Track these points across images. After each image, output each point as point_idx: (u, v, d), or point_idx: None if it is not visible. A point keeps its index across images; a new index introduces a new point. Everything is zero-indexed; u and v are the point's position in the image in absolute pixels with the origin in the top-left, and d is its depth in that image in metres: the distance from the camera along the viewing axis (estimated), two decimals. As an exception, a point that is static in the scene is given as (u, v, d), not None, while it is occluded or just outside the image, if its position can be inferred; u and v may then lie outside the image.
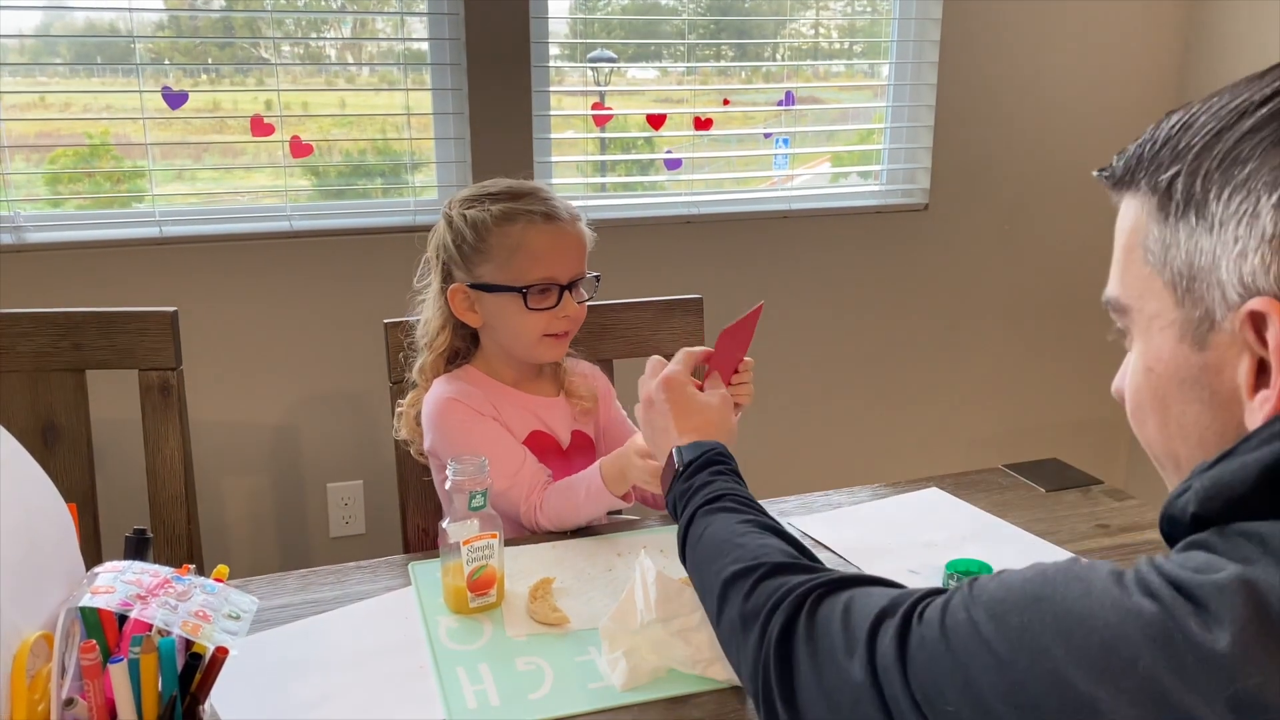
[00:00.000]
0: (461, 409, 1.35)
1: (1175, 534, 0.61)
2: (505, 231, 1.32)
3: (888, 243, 2.57)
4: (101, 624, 0.77)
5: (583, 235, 1.38)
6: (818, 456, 2.64)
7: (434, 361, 1.40)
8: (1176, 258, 0.61)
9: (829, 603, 0.73)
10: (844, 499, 1.39)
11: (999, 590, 0.62)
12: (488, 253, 1.33)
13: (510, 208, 1.33)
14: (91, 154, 2.08)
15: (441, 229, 1.38)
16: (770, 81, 2.50)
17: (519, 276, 1.32)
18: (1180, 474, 0.65)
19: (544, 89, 2.24)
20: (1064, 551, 1.23)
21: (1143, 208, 0.64)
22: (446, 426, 1.34)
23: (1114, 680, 0.54)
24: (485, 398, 1.37)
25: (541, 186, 1.39)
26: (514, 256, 1.32)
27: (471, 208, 1.34)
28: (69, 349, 1.43)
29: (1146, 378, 0.66)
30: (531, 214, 1.33)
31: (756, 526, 0.87)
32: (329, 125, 2.19)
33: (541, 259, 1.33)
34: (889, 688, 0.64)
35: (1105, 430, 2.91)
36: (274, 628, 1.07)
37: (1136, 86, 2.66)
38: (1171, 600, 0.54)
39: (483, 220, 1.33)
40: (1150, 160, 0.64)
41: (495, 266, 1.33)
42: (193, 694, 0.74)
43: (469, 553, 1.07)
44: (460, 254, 1.35)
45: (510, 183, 1.38)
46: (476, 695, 0.95)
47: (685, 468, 1.00)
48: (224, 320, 2.12)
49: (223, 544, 2.21)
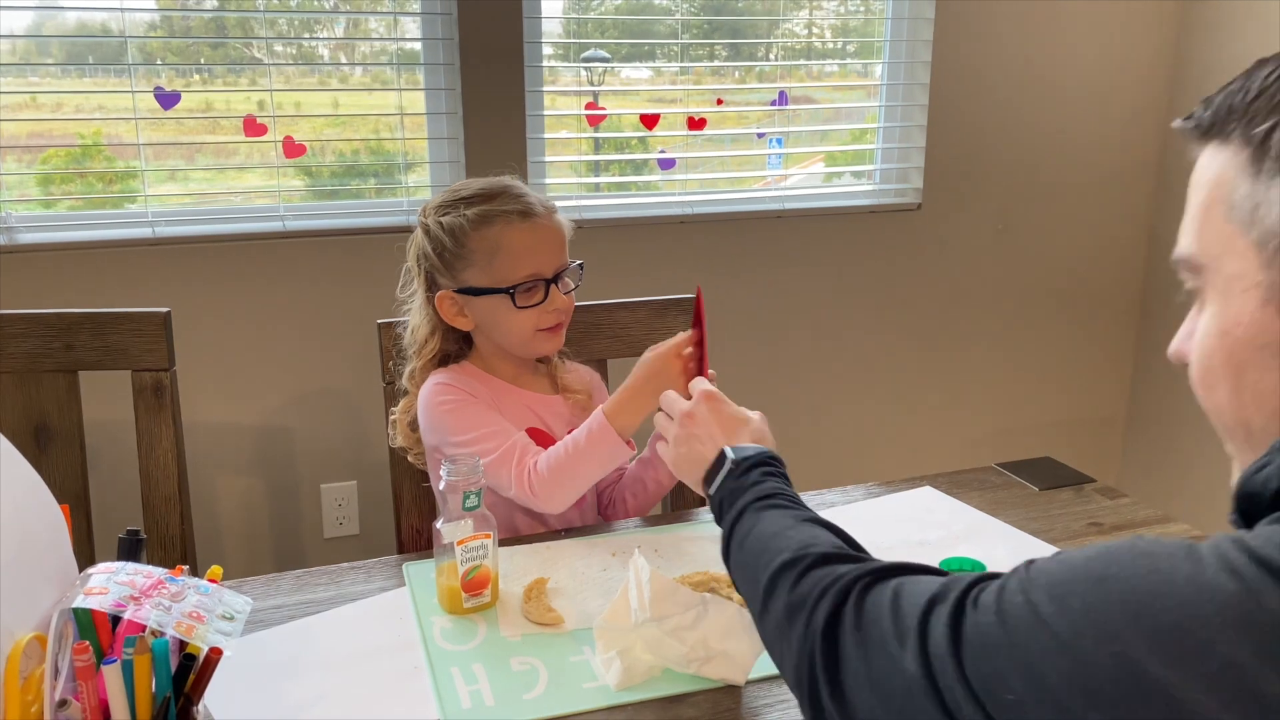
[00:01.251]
0: (450, 389, 1.34)
1: (1254, 511, 0.57)
2: (483, 235, 1.32)
3: (881, 242, 2.57)
4: (95, 625, 0.77)
5: (561, 227, 1.37)
6: (810, 455, 2.64)
7: (424, 368, 1.39)
8: (1268, 215, 0.58)
9: (877, 590, 0.69)
10: (837, 498, 1.39)
11: (1059, 570, 0.58)
12: (469, 257, 1.33)
13: (486, 210, 1.32)
14: (84, 154, 2.07)
15: (420, 238, 1.37)
16: (764, 81, 2.50)
17: (504, 277, 1.32)
18: (1251, 444, 0.61)
19: (537, 88, 2.24)
20: (1057, 550, 1.23)
21: (1231, 161, 0.61)
22: (438, 410, 1.33)
23: (1189, 663, 0.50)
24: (485, 390, 1.37)
25: (513, 183, 1.38)
26: (496, 258, 1.32)
27: (447, 214, 1.33)
28: (61, 350, 1.42)
29: (1221, 341, 0.63)
30: (508, 214, 1.32)
31: (807, 521, 0.84)
32: (322, 125, 2.19)
33: (524, 257, 1.32)
34: (943, 677, 0.60)
35: (1098, 429, 2.92)
36: (269, 628, 1.07)
37: (1130, 85, 2.67)
38: (1255, 578, 0.50)
39: (460, 225, 1.32)
40: (1243, 111, 0.60)
41: (479, 270, 1.33)
42: (186, 695, 0.74)
43: (463, 553, 1.07)
44: (442, 261, 1.34)
45: (482, 183, 1.37)
46: (471, 695, 0.95)
47: (738, 465, 0.95)
48: (218, 321, 2.12)
49: (217, 545, 2.21)
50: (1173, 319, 3.00)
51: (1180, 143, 0.66)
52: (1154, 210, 2.76)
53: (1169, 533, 1.28)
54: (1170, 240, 0.66)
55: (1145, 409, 2.87)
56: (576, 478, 1.28)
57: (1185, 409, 2.73)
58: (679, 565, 1.19)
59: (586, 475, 1.29)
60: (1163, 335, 2.78)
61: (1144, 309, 2.83)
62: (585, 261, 1.40)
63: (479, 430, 1.31)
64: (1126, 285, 2.81)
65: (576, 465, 1.27)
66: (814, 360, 2.59)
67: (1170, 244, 0.66)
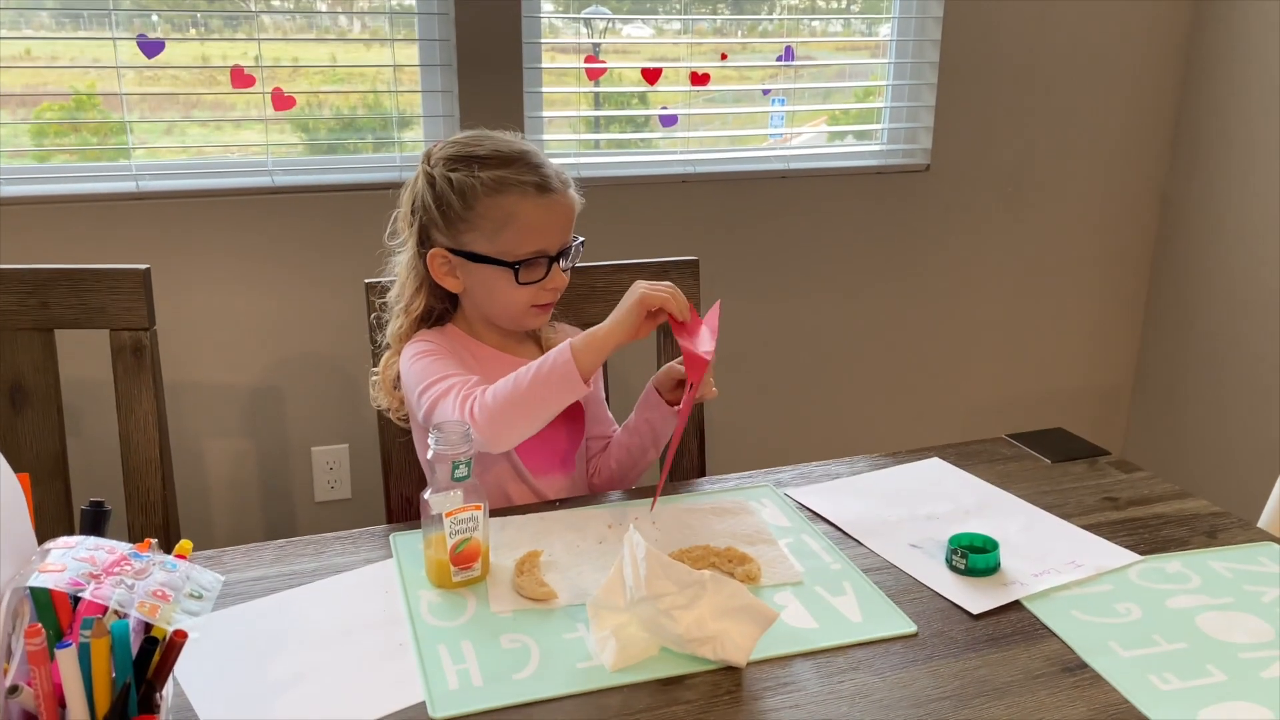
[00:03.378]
0: (424, 345, 1.28)
1: None
2: (495, 202, 1.24)
3: (888, 204, 2.50)
4: (54, 604, 0.72)
5: (574, 203, 1.30)
6: (813, 421, 2.59)
7: (409, 325, 1.33)
8: None
9: None
10: (843, 469, 1.35)
11: None
12: (474, 221, 1.25)
13: (501, 176, 1.24)
14: (77, 106, 2.00)
15: (421, 187, 1.29)
16: (769, 40, 2.41)
17: (508, 250, 1.25)
18: None
19: (535, 39, 2.16)
20: (1071, 526, 1.19)
21: None
22: (410, 363, 1.27)
23: None
24: (468, 355, 1.31)
25: (530, 148, 1.29)
26: (504, 229, 1.25)
27: (456, 170, 1.25)
28: (37, 307, 1.36)
29: None
30: (524, 185, 1.24)
31: None
32: (316, 81, 2.11)
33: (534, 233, 1.25)
34: None
35: (1106, 397, 2.87)
36: (248, 601, 1.02)
37: (1146, 46, 2.59)
38: None
39: (470, 186, 1.24)
40: None
41: (482, 236, 1.25)
42: (149, 681, 0.69)
43: (452, 525, 1.02)
44: (444, 218, 1.26)
45: (497, 143, 1.28)
46: (459, 675, 0.91)
47: None
48: (204, 279, 2.06)
49: (204, 510, 2.16)
50: (1185, 286, 2.98)
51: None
52: (1166, 175, 2.68)
53: (1187, 509, 1.23)
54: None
55: (1153, 378, 2.82)
56: (525, 408, 1.15)
57: (1193, 378, 2.68)
58: (678, 538, 1.14)
59: (535, 408, 1.16)
60: (1173, 302, 2.73)
61: (1154, 275, 2.77)
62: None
63: (440, 374, 1.23)
64: (1137, 251, 2.75)
65: (528, 395, 1.15)
66: (817, 325, 2.53)
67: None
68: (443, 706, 0.87)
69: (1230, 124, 2.54)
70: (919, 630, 0.98)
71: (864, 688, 0.90)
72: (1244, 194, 2.52)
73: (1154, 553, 1.13)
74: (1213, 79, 2.57)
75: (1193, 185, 2.63)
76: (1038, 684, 0.91)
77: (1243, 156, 2.52)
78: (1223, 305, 2.60)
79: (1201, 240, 2.63)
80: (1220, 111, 2.56)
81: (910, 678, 0.91)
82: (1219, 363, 2.61)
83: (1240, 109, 2.52)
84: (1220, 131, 2.57)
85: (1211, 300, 2.63)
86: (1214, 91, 2.57)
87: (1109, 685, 0.90)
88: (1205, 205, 2.61)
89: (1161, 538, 1.17)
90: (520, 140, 1.31)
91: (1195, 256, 2.65)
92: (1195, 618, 1.01)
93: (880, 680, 0.91)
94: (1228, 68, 2.54)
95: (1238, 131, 2.53)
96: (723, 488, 1.29)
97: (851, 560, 1.11)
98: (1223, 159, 2.57)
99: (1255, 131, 2.48)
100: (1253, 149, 2.49)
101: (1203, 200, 2.61)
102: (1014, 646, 0.96)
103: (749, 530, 1.17)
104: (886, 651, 0.95)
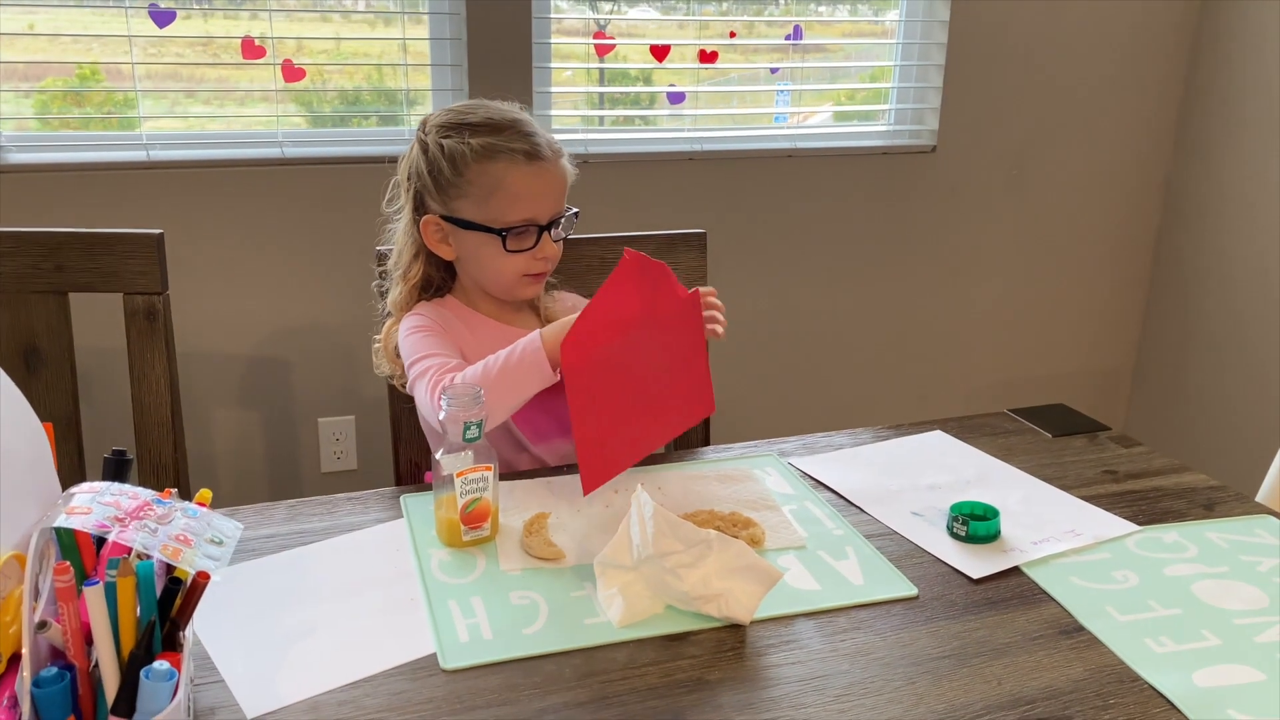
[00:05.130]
0: (421, 318, 1.30)
1: None
2: (485, 169, 1.25)
3: (894, 184, 2.51)
4: (78, 547, 0.74)
5: (565, 173, 1.31)
6: (818, 403, 2.61)
7: (408, 293, 1.34)
8: None
9: None
10: (845, 440, 1.36)
11: None
12: (464, 188, 1.26)
13: (491, 143, 1.25)
14: (81, 81, 2.00)
15: (416, 154, 1.30)
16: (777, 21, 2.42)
17: (498, 217, 1.26)
18: None
19: (544, 15, 2.16)
20: (1071, 497, 1.20)
21: None
22: (404, 337, 1.29)
23: None
24: (464, 327, 1.33)
25: (523, 117, 1.30)
26: (493, 195, 1.26)
27: (449, 136, 1.27)
28: (51, 270, 1.38)
29: None
30: (514, 152, 1.25)
31: None
32: (324, 53, 2.12)
33: (522, 200, 1.26)
34: None
35: (1107, 378, 2.89)
36: (261, 557, 1.04)
37: (1153, 29, 2.59)
38: None
39: (461, 153, 1.25)
40: None
41: (472, 203, 1.27)
42: (173, 619, 0.71)
43: (463, 485, 1.04)
44: (436, 184, 1.28)
45: (490, 111, 1.29)
46: (469, 629, 0.93)
47: None
48: (215, 249, 2.07)
49: (212, 478, 2.18)
50: (1187, 270, 2.98)
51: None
52: (1170, 158, 2.69)
53: (1185, 483, 1.25)
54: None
55: (1154, 360, 2.83)
56: (492, 396, 1.13)
57: (1194, 360, 2.70)
58: (683, 503, 1.16)
59: (502, 397, 1.15)
60: (1175, 285, 2.74)
61: (1156, 258, 2.78)
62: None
63: (423, 353, 1.24)
64: (1140, 234, 2.76)
65: (496, 384, 1.14)
66: (823, 302, 2.54)
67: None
68: (453, 658, 0.89)
69: (1234, 109, 2.55)
70: (920, 593, 1.00)
71: (865, 646, 0.92)
72: (1246, 179, 2.53)
73: (1152, 523, 1.15)
74: (1217, 64, 2.58)
75: (1196, 170, 2.64)
76: (1035, 645, 0.92)
77: (1246, 142, 2.53)
78: (1224, 289, 2.61)
79: (1204, 224, 2.64)
80: (1224, 97, 2.57)
81: (910, 638, 0.93)
82: (1220, 346, 2.62)
83: (1244, 94, 2.52)
84: (1224, 117, 2.58)
85: (1213, 283, 2.64)
86: (1218, 77, 2.58)
87: (1105, 647, 0.92)
88: (1208, 189, 2.62)
89: (1160, 509, 1.18)
90: (516, 109, 1.31)
91: (1197, 240, 2.66)
92: (1191, 585, 1.03)
93: (881, 640, 0.93)
94: (1232, 53, 2.54)
95: (1241, 117, 2.54)
96: (727, 456, 1.31)
97: (854, 526, 1.13)
98: (1226, 144, 2.57)
99: (1259, 116, 2.49)
100: (1256, 134, 2.50)
101: (1205, 184, 2.62)
102: (1013, 610, 0.98)
103: (753, 497, 1.19)
104: (887, 613, 0.97)
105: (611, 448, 1.16)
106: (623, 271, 1.13)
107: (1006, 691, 0.86)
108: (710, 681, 0.87)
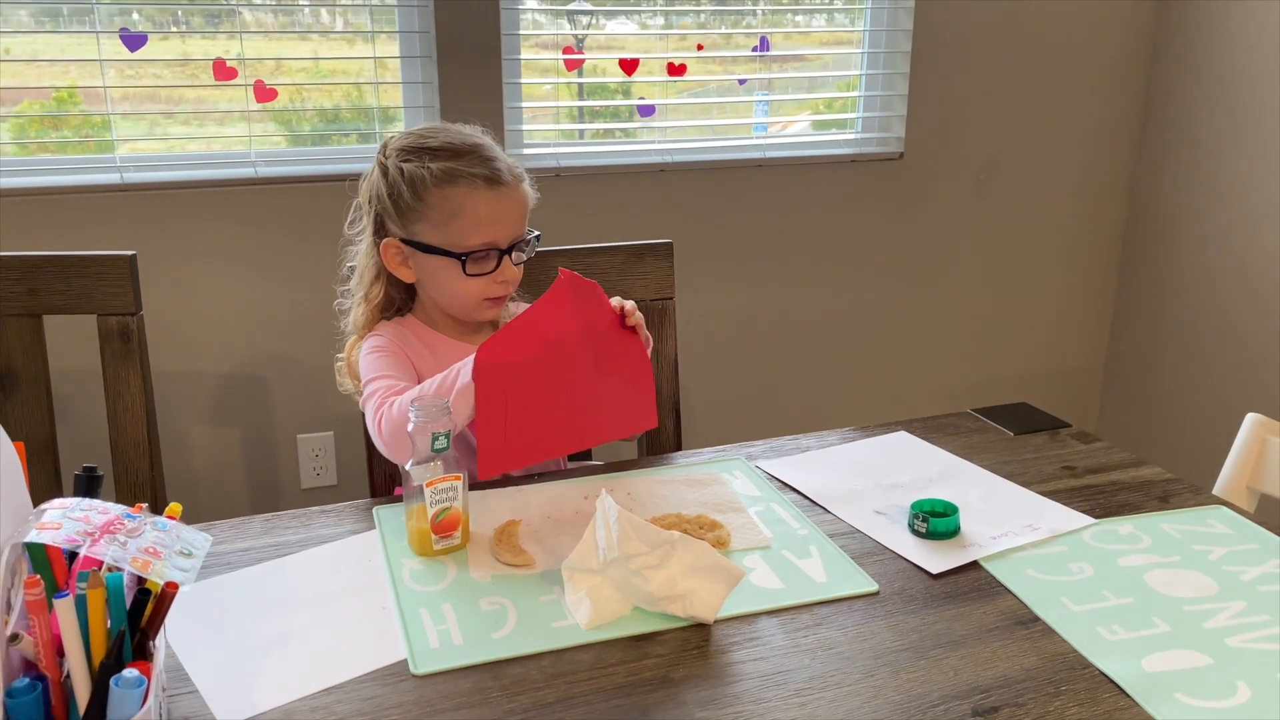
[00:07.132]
0: (376, 340, 1.32)
1: None
2: (445, 194, 1.27)
3: (862, 191, 2.55)
4: (50, 561, 0.76)
5: (526, 197, 1.32)
6: (789, 408, 2.64)
7: (370, 313, 1.36)
8: None
9: None
10: (812, 443, 1.39)
11: None
12: (424, 212, 1.28)
13: (450, 168, 1.27)
14: (58, 104, 2.02)
15: (376, 177, 1.32)
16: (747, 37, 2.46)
17: (457, 241, 1.28)
18: None
19: (514, 31, 2.19)
20: (1030, 493, 1.23)
21: None
22: (361, 360, 1.31)
23: None
24: (424, 347, 1.34)
25: (484, 141, 1.32)
26: (453, 220, 1.27)
27: (409, 161, 1.28)
28: (24, 294, 1.40)
29: None
30: (473, 177, 1.26)
31: None
32: (295, 72, 2.14)
33: (481, 225, 1.28)
34: None
35: (1077, 379, 2.93)
36: (236, 570, 1.06)
37: (1114, 33, 2.64)
38: None
39: (420, 177, 1.27)
40: None
41: (432, 226, 1.28)
42: (143, 630, 0.73)
43: (432, 495, 1.06)
44: (396, 208, 1.29)
45: (451, 135, 1.31)
46: (439, 635, 0.95)
47: None
48: (189, 269, 2.09)
49: (192, 496, 2.19)
50: (1153, 270, 3.02)
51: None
52: (1135, 161, 2.74)
53: (1142, 476, 1.28)
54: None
55: (1124, 360, 2.88)
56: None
57: (1163, 360, 2.74)
58: (651, 507, 1.19)
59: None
60: (1142, 287, 2.79)
61: (1124, 259, 2.83)
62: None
63: (374, 374, 1.27)
64: (1107, 237, 2.81)
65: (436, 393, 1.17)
66: (792, 310, 2.57)
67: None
68: (424, 663, 0.91)
69: (1196, 114, 2.60)
70: (880, 589, 1.03)
71: (826, 641, 0.94)
72: (1209, 182, 2.58)
73: (1108, 516, 1.18)
74: (1179, 70, 2.63)
75: (1160, 173, 2.69)
76: (992, 636, 0.95)
77: (1208, 146, 2.58)
78: (1189, 290, 2.66)
79: (1169, 227, 2.69)
80: (1187, 102, 2.62)
81: (871, 631, 0.96)
82: (1186, 346, 2.67)
83: (1206, 99, 2.57)
84: (1187, 121, 2.63)
85: (1178, 285, 2.69)
86: (1180, 82, 2.63)
87: (1059, 636, 0.95)
88: (1172, 193, 2.67)
89: (1116, 503, 1.22)
90: (478, 133, 1.33)
91: (1163, 243, 2.71)
92: (1144, 575, 1.06)
93: (842, 634, 0.95)
94: (1193, 59, 2.59)
95: (1204, 121, 2.59)
96: (696, 461, 1.33)
97: (818, 526, 1.15)
98: (1189, 148, 2.62)
99: (1220, 121, 2.54)
100: (1217, 139, 2.55)
101: (1169, 188, 2.67)
102: (971, 603, 1.01)
103: (720, 500, 1.21)
104: (849, 609, 1.00)
105: (514, 442, 1.18)
106: (556, 290, 1.17)
107: (962, 681, 0.89)
108: (675, 679, 0.89)
